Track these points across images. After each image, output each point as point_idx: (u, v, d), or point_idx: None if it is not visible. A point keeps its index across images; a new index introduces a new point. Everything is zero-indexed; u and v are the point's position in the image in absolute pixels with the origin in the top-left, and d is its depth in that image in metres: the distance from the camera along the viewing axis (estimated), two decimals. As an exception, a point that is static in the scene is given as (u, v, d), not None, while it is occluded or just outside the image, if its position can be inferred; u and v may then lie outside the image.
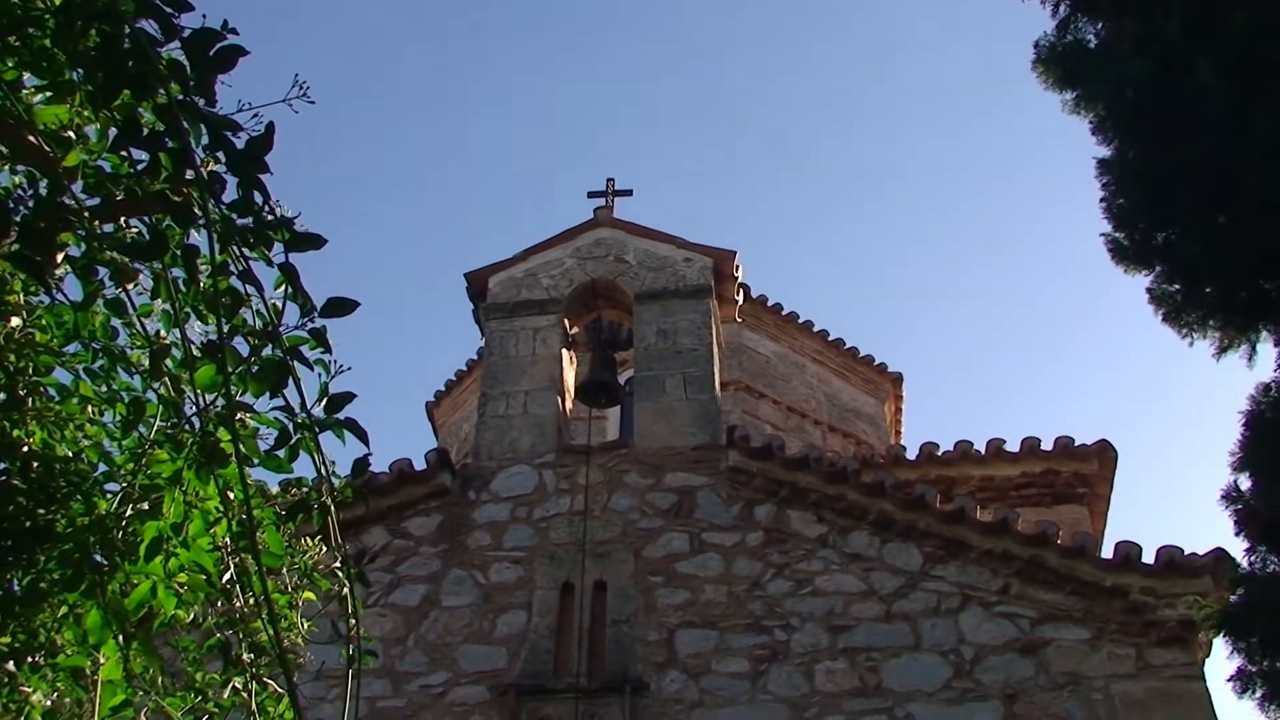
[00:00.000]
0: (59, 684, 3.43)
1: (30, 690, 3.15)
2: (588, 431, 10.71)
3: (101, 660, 3.13)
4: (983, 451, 12.56)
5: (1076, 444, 12.47)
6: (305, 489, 2.99)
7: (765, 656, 9.14)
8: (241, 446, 2.58)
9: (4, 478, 3.51)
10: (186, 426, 2.91)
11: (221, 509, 2.90)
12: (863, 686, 8.94)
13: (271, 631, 3.02)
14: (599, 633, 9.39)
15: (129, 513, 3.00)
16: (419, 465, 10.36)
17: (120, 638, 2.96)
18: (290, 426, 2.59)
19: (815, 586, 9.42)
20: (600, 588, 9.58)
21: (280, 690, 3.54)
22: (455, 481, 10.36)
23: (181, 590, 2.98)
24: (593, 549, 9.69)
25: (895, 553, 9.53)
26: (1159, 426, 34.55)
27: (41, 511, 3.34)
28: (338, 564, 3.03)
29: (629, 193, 12.38)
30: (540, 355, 11.16)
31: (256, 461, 2.65)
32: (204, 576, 2.95)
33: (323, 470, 2.67)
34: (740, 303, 12.10)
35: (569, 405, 11.34)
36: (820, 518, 9.76)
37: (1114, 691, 8.78)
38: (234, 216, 2.59)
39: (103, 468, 3.48)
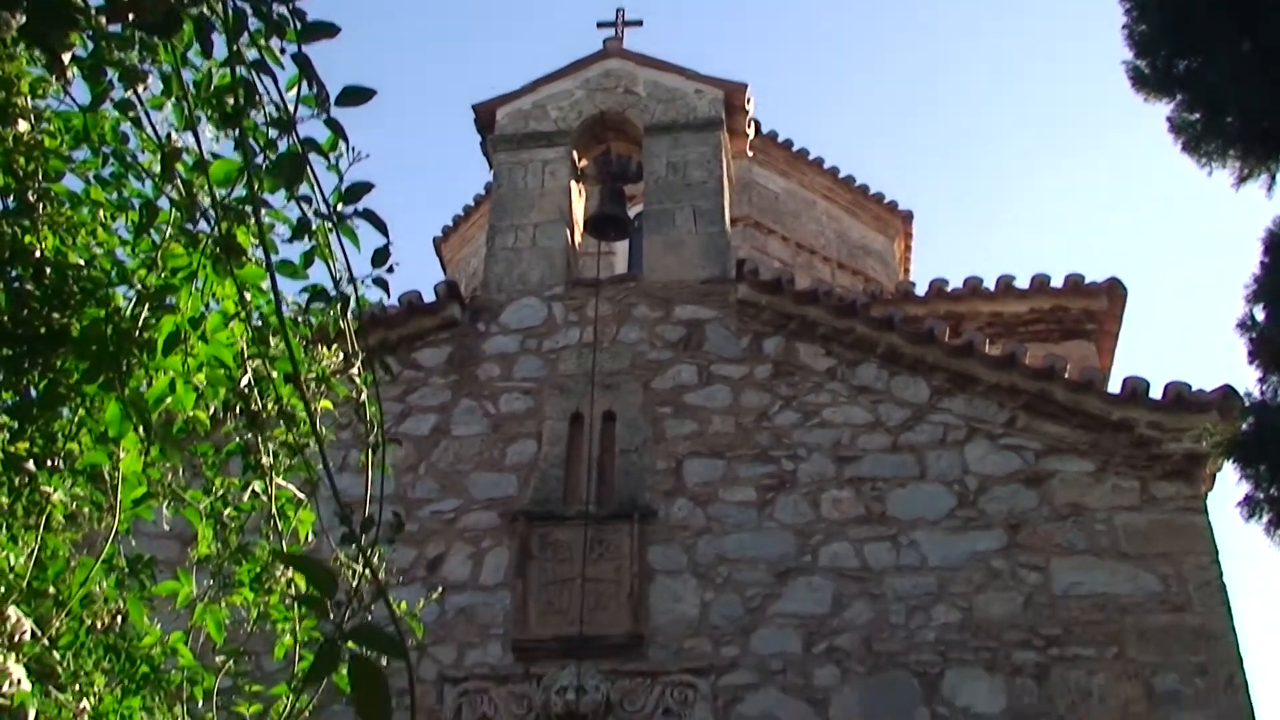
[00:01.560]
0: (78, 488, 3.45)
1: (51, 489, 3.17)
2: (597, 265, 10.66)
3: (121, 454, 3.14)
4: (992, 288, 12.53)
5: (1086, 281, 12.43)
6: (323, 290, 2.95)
7: (772, 485, 9.25)
8: (259, 240, 2.54)
9: (17, 283, 3.49)
10: (202, 220, 2.87)
11: (239, 307, 2.88)
12: (868, 515, 9.06)
13: (296, 432, 3.03)
14: (608, 462, 9.50)
15: (145, 311, 2.97)
16: (428, 298, 10.36)
17: (140, 429, 2.97)
18: (308, 216, 2.55)
19: (822, 418, 9.49)
20: (609, 418, 9.66)
21: (300, 495, 3.57)
22: (464, 314, 10.37)
23: (200, 387, 2.98)
24: (601, 380, 9.73)
25: (903, 386, 9.57)
26: (1172, 262, 34.40)
27: (56, 316, 3.33)
28: (357, 360, 3.01)
29: (639, 23, 12.15)
30: (549, 188, 11.06)
31: (275, 255, 2.62)
32: (223, 370, 2.94)
33: (343, 260, 2.63)
34: (751, 137, 11.93)
35: (578, 238, 11.29)
36: (828, 351, 9.78)
37: (1117, 523, 8.90)
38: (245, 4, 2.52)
39: (116, 274, 3.45)
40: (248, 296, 2.92)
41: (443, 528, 9.30)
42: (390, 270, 2.65)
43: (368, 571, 1.75)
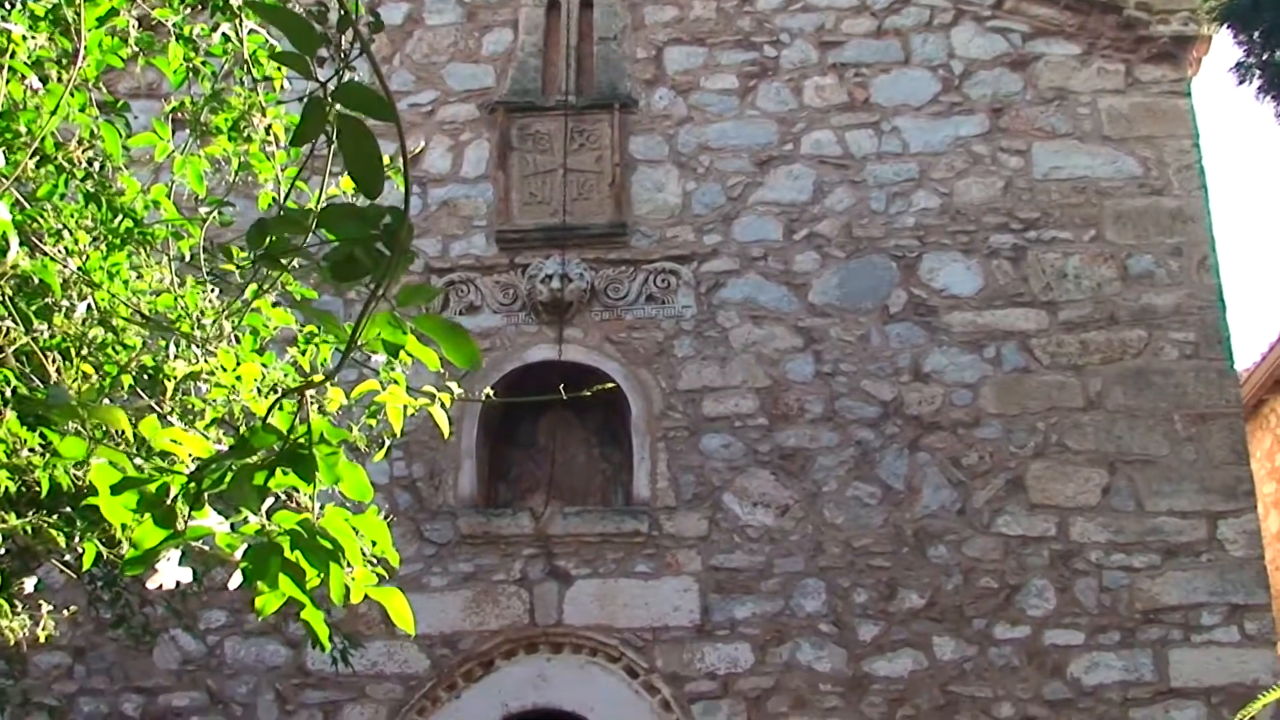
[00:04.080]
0: (40, 30, 3.33)
1: (12, 25, 3.05)
2: None
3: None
4: None
5: None
6: None
7: (754, 73, 9.10)
8: None
9: None
10: None
11: None
12: (850, 101, 8.96)
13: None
14: (586, 50, 9.29)
15: None
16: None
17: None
18: None
19: (806, 2, 9.22)
20: (586, 4, 9.37)
21: (271, 40, 3.46)
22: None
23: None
24: (578, -35, 9.37)
25: (890, -32, 9.24)
26: None
27: None
28: None
29: None
30: None
31: None
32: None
33: None
34: None
35: None
36: (814, -68, 9.38)
37: (1100, 106, 8.83)
38: None
39: None
40: None
41: (421, 120, 9.18)
42: None
43: (349, 33, 1.69)
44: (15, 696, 6.19)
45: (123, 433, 2.24)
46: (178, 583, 5.42)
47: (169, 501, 1.84)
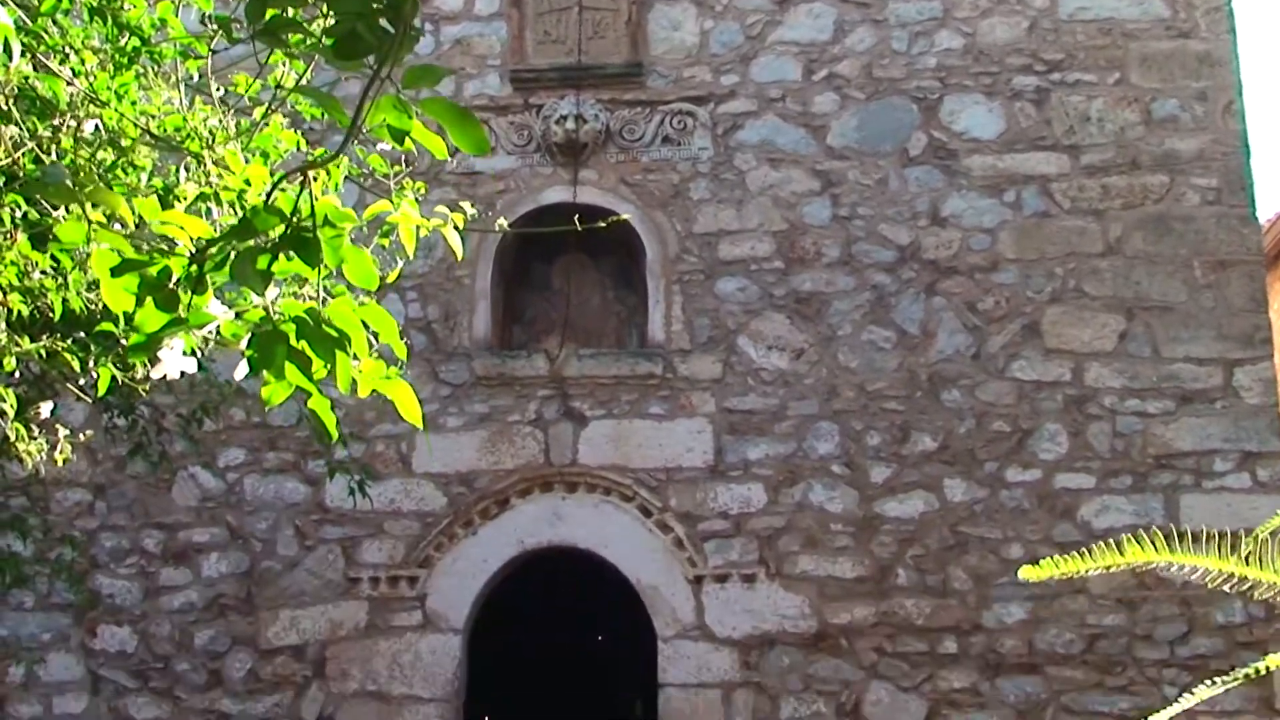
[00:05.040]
0: None
1: None
2: None
3: None
4: None
5: None
6: None
7: (775, -92, 8.84)
8: None
9: None
10: None
11: None
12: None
13: None
14: (603, -117, 9.02)
15: None
16: None
17: None
18: None
19: None
20: None
21: None
22: None
23: None
24: None
25: None
26: None
27: None
28: None
29: None
30: None
31: None
32: None
33: None
34: None
35: None
36: None
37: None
38: None
39: None
40: None
41: (433, -45, 8.97)
42: None
43: None
44: (38, 529, 6.29)
45: (123, 219, 2.22)
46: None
47: (171, 285, 1.82)
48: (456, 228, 3.35)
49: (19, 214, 3.62)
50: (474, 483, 8.22)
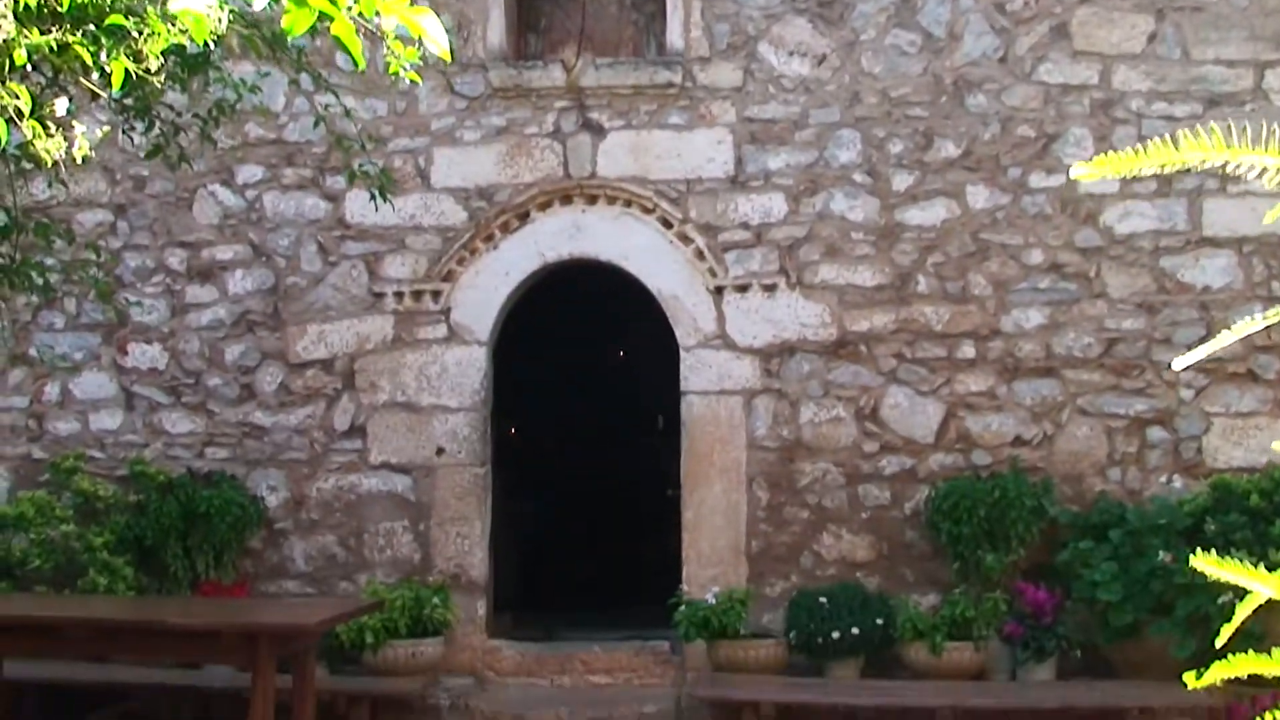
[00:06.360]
0: None
1: None
2: None
3: None
4: None
5: None
6: None
7: None
8: None
9: None
10: None
11: None
12: None
13: None
14: None
15: None
16: None
17: None
18: None
19: None
20: None
21: None
22: None
23: None
24: None
25: None
26: None
27: None
28: None
29: None
30: None
31: None
32: None
33: None
34: None
35: None
36: None
37: None
38: None
39: None
40: None
41: None
42: None
43: None
44: (64, 238, 6.30)
45: None
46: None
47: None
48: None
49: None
50: (493, 196, 8.19)
